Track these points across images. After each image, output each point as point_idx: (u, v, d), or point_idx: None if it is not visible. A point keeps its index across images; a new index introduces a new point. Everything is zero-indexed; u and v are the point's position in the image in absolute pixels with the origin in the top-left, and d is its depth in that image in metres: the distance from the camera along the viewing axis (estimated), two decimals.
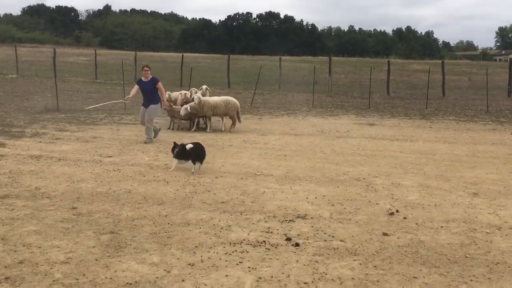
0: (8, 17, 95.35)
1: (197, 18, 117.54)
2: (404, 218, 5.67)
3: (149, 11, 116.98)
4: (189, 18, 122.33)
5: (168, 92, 12.95)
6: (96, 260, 4.35)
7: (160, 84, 10.71)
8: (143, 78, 10.70)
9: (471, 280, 4.09)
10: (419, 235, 5.14)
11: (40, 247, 4.61)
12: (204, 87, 13.66)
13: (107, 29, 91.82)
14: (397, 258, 4.52)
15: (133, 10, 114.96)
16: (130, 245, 4.72)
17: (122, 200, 6.19)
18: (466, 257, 4.57)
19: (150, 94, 10.63)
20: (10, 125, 12.32)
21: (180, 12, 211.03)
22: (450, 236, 5.10)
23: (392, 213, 5.84)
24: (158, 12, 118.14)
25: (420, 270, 4.27)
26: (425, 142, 11.28)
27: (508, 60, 39.48)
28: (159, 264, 4.29)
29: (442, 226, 5.41)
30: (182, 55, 30.27)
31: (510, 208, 6.15)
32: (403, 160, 9.13)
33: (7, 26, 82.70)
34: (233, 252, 4.59)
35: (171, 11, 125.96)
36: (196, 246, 4.71)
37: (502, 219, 5.69)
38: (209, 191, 6.69)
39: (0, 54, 39.79)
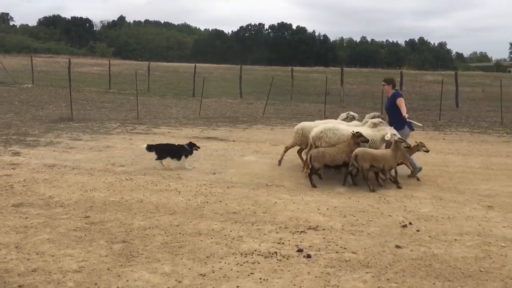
0: (24, 28, 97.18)
1: (210, 29, 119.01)
2: (417, 230, 5.62)
3: (162, 22, 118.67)
4: (202, 29, 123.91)
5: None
6: (108, 269, 4.37)
7: (399, 100, 8.42)
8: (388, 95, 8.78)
9: None
10: (432, 248, 5.08)
11: (53, 256, 4.64)
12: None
13: (121, 39, 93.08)
14: (410, 271, 4.47)
15: (146, 21, 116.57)
16: (142, 254, 4.73)
17: (134, 210, 6.22)
18: (481, 271, 4.51)
19: (390, 114, 8.69)
20: (25, 134, 12.48)
21: (193, 23, 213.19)
22: (464, 250, 5.04)
23: (405, 226, 5.78)
24: (171, 23, 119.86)
25: (434, 283, 4.22)
26: (438, 154, 11.18)
27: None
28: (171, 274, 4.29)
29: (456, 239, 5.34)
30: (195, 65, 30.47)
31: None
32: None
33: (23, 36, 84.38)
34: (244, 263, 4.58)
35: (184, 22, 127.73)
36: (207, 257, 4.71)
37: None
38: (220, 201, 6.70)
39: (16, 64, 40.46)
